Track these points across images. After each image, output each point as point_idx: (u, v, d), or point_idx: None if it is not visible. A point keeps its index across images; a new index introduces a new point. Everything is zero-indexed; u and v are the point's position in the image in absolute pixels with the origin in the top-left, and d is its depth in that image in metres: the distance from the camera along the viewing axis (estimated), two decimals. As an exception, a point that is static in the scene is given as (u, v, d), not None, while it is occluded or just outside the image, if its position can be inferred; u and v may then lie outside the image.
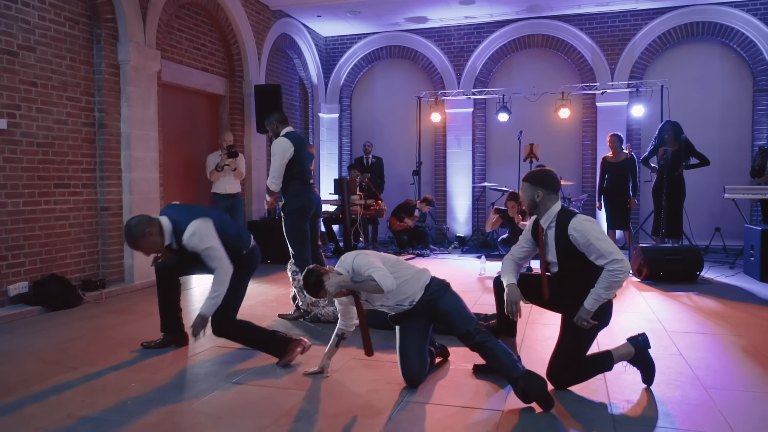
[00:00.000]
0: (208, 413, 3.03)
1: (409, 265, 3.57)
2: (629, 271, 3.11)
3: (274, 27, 9.46)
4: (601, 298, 3.13)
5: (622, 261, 3.05)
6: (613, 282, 3.08)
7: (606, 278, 3.08)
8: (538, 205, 3.35)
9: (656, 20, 9.57)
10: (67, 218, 5.84)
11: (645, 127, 9.64)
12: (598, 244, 3.10)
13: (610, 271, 3.07)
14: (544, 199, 3.32)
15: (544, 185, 3.33)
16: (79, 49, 5.97)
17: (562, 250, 3.26)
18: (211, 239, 3.60)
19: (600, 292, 3.11)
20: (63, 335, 4.53)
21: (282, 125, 5.13)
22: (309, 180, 5.16)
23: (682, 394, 3.22)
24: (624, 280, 3.11)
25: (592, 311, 3.15)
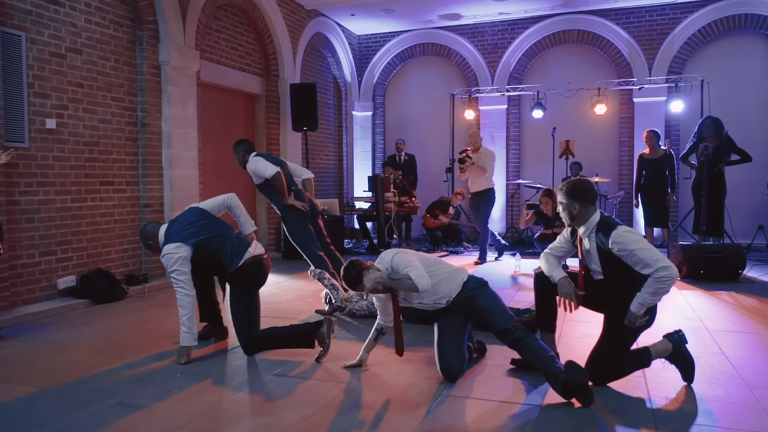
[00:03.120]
0: (251, 403, 3.11)
1: (446, 264, 3.60)
2: (677, 276, 3.08)
3: (308, 26, 9.57)
4: (647, 302, 3.12)
5: (669, 268, 3.03)
6: (660, 288, 3.07)
7: (653, 284, 3.07)
8: (575, 217, 3.35)
9: (696, 13, 9.36)
10: (111, 215, 6.03)
11: (684, 122, 9.45)
12: (642, 254, 3.09)
13: (657, 278, 3.04)
14: (581, 211, 3.31)
15: (580, 198, 3.30)
16: (123, 50, 6.15)
17: (605, 260, 3.26)
18: (175, 265, 3.72)
19: (646, 297, 3.10)
20: (110, 327, 4.69)
21: (248, 154, 5.33)
22: (292, 186, 5.49)
23: (725, 393, 3.18)
24: (671, 286, 3.09)
25: (639, 314, 3.15)
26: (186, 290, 3.77)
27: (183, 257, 3.75)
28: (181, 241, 3.78)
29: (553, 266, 3.51)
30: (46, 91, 5.32)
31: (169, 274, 3.79)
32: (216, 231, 3.92)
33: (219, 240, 3.89)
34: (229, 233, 3.96)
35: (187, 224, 3.89)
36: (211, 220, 4.02)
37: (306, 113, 8.54)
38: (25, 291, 5.14)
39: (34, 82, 5.21)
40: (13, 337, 4.36)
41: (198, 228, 3.88)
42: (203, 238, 3.85)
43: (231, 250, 3.87)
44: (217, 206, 4.13)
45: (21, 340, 4.32)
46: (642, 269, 3.10)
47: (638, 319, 3.16)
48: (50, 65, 5.35)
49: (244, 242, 3.97)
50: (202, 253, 3.86)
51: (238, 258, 3.86)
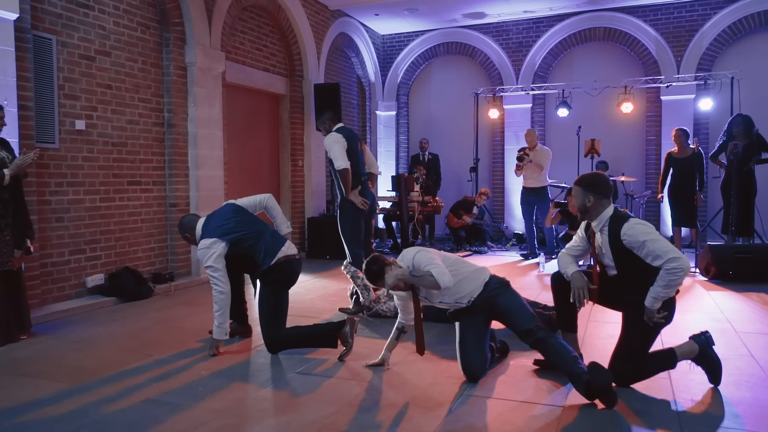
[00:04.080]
0: (274, 400, 3.15)
1: (468, 264, 3.59)
2: (688, 268, 3.04)
3: (332, 26, 9.62)
4: (660, 296, 3.08)
5: (679, 259, 3.00)
6: (672, 281, 3.03)
7: (664, 277, 3.04)
8: (589, 210, 3.33)
9: (726, 9, 9.17)
10: (139, 214, 6.14)
11: (713, 121, 9.26)
12: (652, 245, 3.06)
13: (668, 269, 3.02)
14: (595, 204, 3.30)
15: (595, 190, 3.29)
16: (150, 52, 6.26)
17: (618, 254, 3.24)
18: (211, 260, 3.83)
19: (659, 290, 3.07)
20: (137, 325, 4.78)
21: (333, 123, 5.17)
22: (362, 176, 5.18)
23: (753, 396, 3.12)
24: (683, 278, 3.05)
25: (655, 309, 3.11)
26: (220, 286, 3.85)
27: (218, 254, 3.84)
28: (218, 237, 3.87)
29: (567, 263, 3.47)
30: (76, 93, 5.45)
31: (205, 269, 3.90)
32: (251, 228, 4.00)
33: (253, 237, 3.96)
34: (263, 231, 4.03)
35: (225, 220, 3.98)
36: (247, 216, 4.11)
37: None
38: (56, 289, 5.27)
39: (64, 84, 5.33)
40: (43, 334, 4.47)
41: (234, 225, 3.97)
42: (239, 236, 3.93)
43: (265, 248, 3.94)
44: (253, 205, 4.25)
45: (51, 336, 4.42)
46: (653, 261, 3.07)
47: (655, 314, 3.12)
48: (80, 68, 5.48)
49: (278, 241, 4.03)
50: (237, 249, 3.93)
51: (271, 257, 3.92)
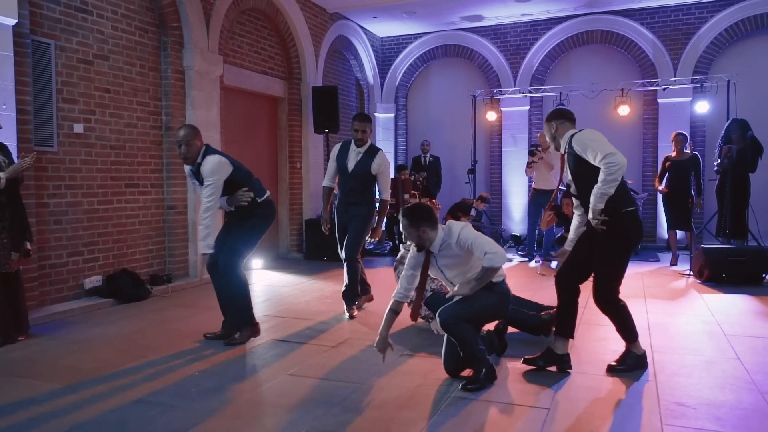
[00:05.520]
0: (266, 402, 3.20)
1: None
2: (623, 164, 3.29)
3: (331, 29, 9.67)
4: (600, 192, 3.30)
5: (615, 155, 3.27)
6: (609, 176, 3.26)
7: (602, 173, 3.29)
8: (556, 137, 3.67)
9: (723, 12, 9.21)
10: (136, 216, 6.20)
11: (710, 124, 9.30)
12: (593, 144, 3.35)
13: (605, 164, 3.27)
14: (559, 129, 3.64)
15: (557, 117, 3.67)
16: (148, 56, 6.32)
17: (573, 165, 3.55)
18: (216, 175, 4.12)
19: (599, 186, 3.30)
20: (133, 326, 4.83)
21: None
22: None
23: (737, 399, 3.16)
24: (619, 173, 3.28)
25: (597, 209, 3.33)
26: (215, 197, 4.13)
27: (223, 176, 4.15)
28: (226, 158, 4.23)
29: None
30: (74, 96, 5.51)
31: (206, 181, 4.13)
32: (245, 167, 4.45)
33: (248, 173, 4.40)
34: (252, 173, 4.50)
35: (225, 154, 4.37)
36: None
37: (328, 116, 8.64)
38: (54, 290, 5.33)
39: (62, 88, 5.39)
40: (41, 335, 4.53)
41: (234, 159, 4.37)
42: (239, 165, 4.33)
43: (258, 185, 4.45)
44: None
45: (48, 337, 4.48)
46: (594, 159, 3.34)
47: (598, 215, 3.33)
48: (78, 71, 5.54)
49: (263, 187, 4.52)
50: (236, 176, 4.25)
51: (263, 193, 4.44)
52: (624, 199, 3.45)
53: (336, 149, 5.17)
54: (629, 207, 3.48)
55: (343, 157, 5.10)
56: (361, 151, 5.04)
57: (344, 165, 5.09)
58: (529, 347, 4.04)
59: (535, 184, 8.26)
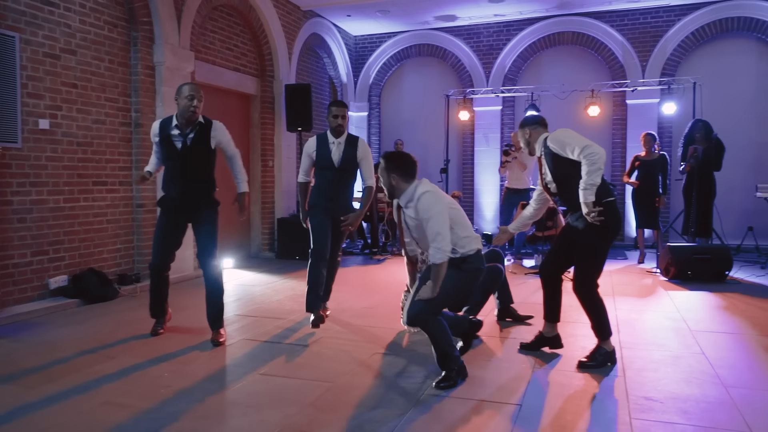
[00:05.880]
0: (237, 402, 3.17)
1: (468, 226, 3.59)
2: (603, 153, 3.38)
3: (304, 27, 9.62)
4: (587, 185, 3.38)
5: (592, 146, 3.37)
6: (592, 166, 3.35)
7: (585, 165, 3.38)
8: (530, 142, 3.80)
9: (690, 16, 9.42)
10: (104, 215, 6.08)
11: (676, 125, 9.51)
12: (568, 141, 3.47)
13: (586, 155, 3.37)
14: (532, 134, 3.79)
15: (530, 123, 3.81)
16: (117, 51, 6.20)
17: (551, 164, 3.65)
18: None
19: (584, 179, 3.39)
20: (100, 327, 4.74)
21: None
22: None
23: (702, 393, 3.24)
24: (601, 162, 3.37)
25: (589, 201, 3.40)
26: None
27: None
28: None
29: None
30: (40, 91, 5.37)
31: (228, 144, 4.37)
32: None
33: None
34: None
35: None
36: None
37: (300, 114, 8.59)
38: (17, 291, 5.19)
39: (27, 83, 5.25)
40: (4, 337, 4.41)
41: None
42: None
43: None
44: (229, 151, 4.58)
45: (12, 339, 4.36)
46: (573, 153, 3.44)
47: (591, 207, 3.39)
48: (44, 66, 5.40)
49: None
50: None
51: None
52: (604, 190, 3.55)
53: (312, 144, 4.79)
54: (609, 197, 3.58)
55: (324, 151, 4.75)
56: (342, 142, 4.74)
57: (328, 160, 4.74)
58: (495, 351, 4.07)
59: (509, 183, 8.33)
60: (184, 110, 4.11)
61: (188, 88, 4.12)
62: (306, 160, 4.86)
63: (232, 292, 6.10)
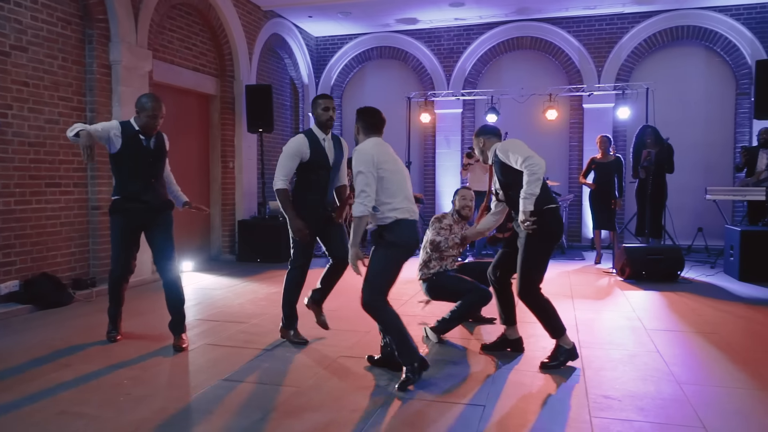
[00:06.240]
0: (200, 409, 3.11)
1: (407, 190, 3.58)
2: (543, 164, 3.53)
3: (265, 27, 9.53)
4: (526, 194, 3.51)
5: (533, 157, 3.52)
6: (532, 176, 3.49)
7: (526, 176, 3.51)
8: (484, 150, 3.95)
9: (642, 24, 9.72)
10: (58, 217, 5.89)
11: (630, 128, 9.78)
12: (513, 151, 3.61)
13: (527, 165, 3.50)
14: (486, 143, 3.93)
15: (484, 134, 3.96)
16: (71, 49, 6.02)
17: (499, 172, 3.84)
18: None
19: (524, 188, 3.52)
20: (55, 333, 4.59)
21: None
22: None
23: (657, 390, 3.35)
24: (540, 173, 3.51)
25: (527, 210, 3.52)
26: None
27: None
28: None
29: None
30: (-11, 90, 5.18)
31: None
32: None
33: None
34: None
35: None
36: None
37: (261, 115, 8.52)
38: (-34, 296, 4.99)
39: (-25, 81, 5.06)
40: (-49, 344, 4.23)
41: None
42: None
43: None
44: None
45: (-40, 347, 4.19)
46: (516, 163, 3.59)
47: (527, 217, 3.51)
48: (-7, 63, 5.21)
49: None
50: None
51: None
52: (545, 197, 3.67)
53: (303, 143, 4.18)
54: (551, 204, 3.70)
55: (318, 150, 4.22)
56: (328, 138, 4.30)
57: (324, 159, 4.25)
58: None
59: (470, 185, 8.44)
60: (147, 127, 4.23)
61: (152, 107, 4.19)
62: (291, 162, 4.18)
63: (192, 296, 6.00)
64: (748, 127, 9.39)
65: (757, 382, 3.47)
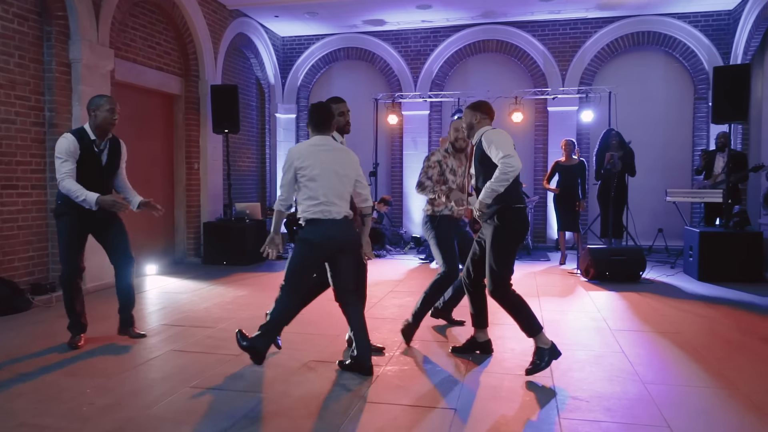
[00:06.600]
0: (167, 418, 3.04)
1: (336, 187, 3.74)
2: (518, 167, 3.52)
3: (230, 26, 9.40)
4: (491, 188, 3.54)
5: (512, 157, 3.50)
6: (502, 174, 3.49)
7: (497, 171, 3.51)
8: (474, 126, 3.86)
9: (605, 29, 9.93)
10: (15, 220, 5.70)
11: (594, 131, 9.99)
12: (496, 143, 3.58)
13: (502, 164, 3.50)
14: (481, 121, 3.85)
15: (482, 111, 3.87)
16: (29, 46, 5.83)
17: (478, 158, 3.78)
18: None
19: (491, 183, 3.53)
20: (12, 341, 4.43)
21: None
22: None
23: (623, 390, 3.41)
24: (512, 175, 3.51)
25: (484, 202, 3.58)
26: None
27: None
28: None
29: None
30: (-59, 88, 4.98)
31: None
32: None
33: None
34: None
35: None
36: None
37: (227, 115, 8.40)
38: None
39: (-74, 79, 4.85)
40: None
41: None
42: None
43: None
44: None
45: None
46: (494, 158, 3.56)
47: (484, 207, 3.59)
48: (-55, 61, 5.01)
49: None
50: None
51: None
52: (516, 197, 3.73)
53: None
54: (519, 204, 3.75)
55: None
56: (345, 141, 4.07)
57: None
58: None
59: None
60: (105, 122, 4.17)
61: (108, 101, 4.18)
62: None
63: (157, 300, 5.88)
64: (705, 131, 9.69)
65: (719, 381, 3.57)
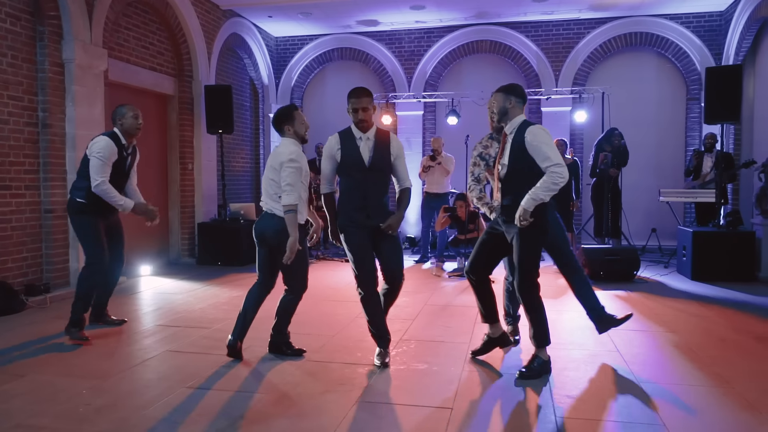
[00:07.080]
0: (164, 418, 3.04)
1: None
2: (567, 177, 3.38)
3: (224, 27, 9.38)
4: (537, 197, 3.38)
5: (562, 167, 3.36)
6: (552, 184, 3.36)
7: (545, 180, 3.37)
8: (508, 111, 3.63)
9: (598, 29, 9.97)
10: (8, 221, 5.66)
11: (587, 132, 10.04)
12: (545, 148, 3.41)
13: (552, 172, 3.36)
14: (514, 106, 3.62)
15: (516, 94, 3.64)
16: (21, 46, 5.79)
17: (514, 152, 3.56)
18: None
19: (537, 191, 3.38)
20: (7, 342, 4.40)
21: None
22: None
23: (619, 389, 3.43)
24: (561, 185, 3.38)
25: (528, 210, 3.40)
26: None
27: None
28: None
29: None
30: (-67, 88, 4.94)
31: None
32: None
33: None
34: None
35: None
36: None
37: (221, 115, 8.38)
38: None
39: None
40: None
41: None
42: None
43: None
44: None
45: None
46: (541, 162, 3.41)
47: (527, 215, 3.40)
48: (-62, 61, 4.97)
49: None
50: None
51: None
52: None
53: (335, 143, 3.93)
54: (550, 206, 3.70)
55: (352, 150, 3.89)
56: (371, 137, 3.90)
57: (358, 159, 3.87)
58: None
59: (428, 187, 8.53)
60: (132, 128, 4.55)
61: (131, 108, 4.55)
62: (328, 165, 3.98)
63: (152, 301, 5.86)
64: (698, 131, 9.75)
65: (714, 379, 3.60)
